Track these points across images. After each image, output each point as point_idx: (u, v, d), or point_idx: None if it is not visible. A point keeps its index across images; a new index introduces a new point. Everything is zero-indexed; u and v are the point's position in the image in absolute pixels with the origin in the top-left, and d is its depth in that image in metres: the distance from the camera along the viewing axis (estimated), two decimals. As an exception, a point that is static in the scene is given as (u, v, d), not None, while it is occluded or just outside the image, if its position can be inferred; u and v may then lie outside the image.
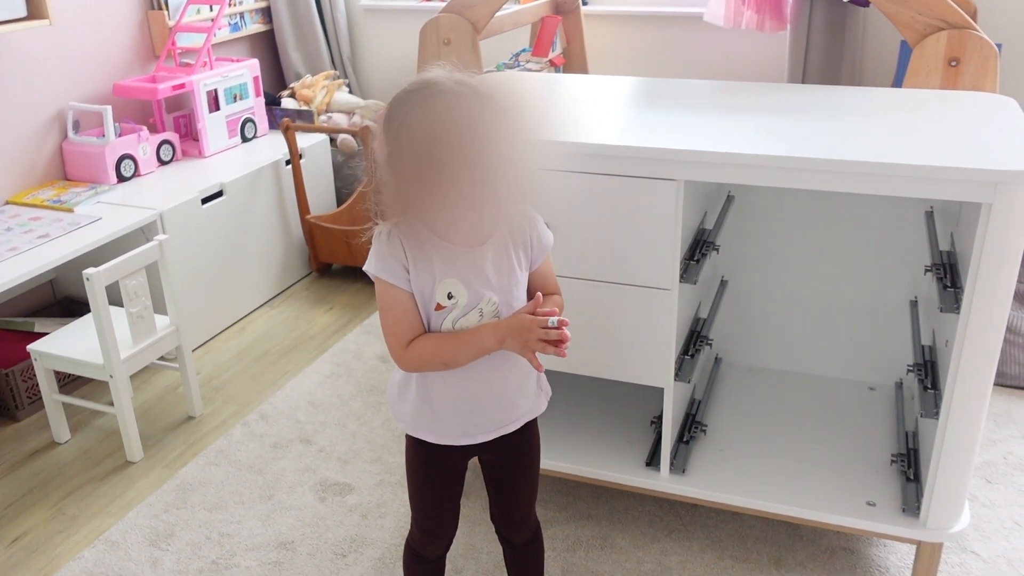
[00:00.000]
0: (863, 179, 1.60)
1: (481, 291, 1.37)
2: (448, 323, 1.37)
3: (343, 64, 4.12)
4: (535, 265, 1.45)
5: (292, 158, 3.39)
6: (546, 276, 1.47)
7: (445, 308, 1.36)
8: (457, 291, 1.36)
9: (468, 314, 1.37)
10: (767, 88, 2.15)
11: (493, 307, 1.38)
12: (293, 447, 2.48)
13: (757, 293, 2.37)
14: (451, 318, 1.37)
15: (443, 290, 1.35)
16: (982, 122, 1.81)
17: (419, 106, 1.24)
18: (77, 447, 2.53)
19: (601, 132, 1.83)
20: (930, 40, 2.23)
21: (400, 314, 1.37)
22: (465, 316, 1.37)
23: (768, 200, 2.26)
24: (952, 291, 1.73)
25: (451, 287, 1.35)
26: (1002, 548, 2.03)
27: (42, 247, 2.54)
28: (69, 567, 2.06)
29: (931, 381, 1.85)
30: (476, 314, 1.38)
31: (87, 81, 3.15)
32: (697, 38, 3.64)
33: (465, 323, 1.38)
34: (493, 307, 1.38)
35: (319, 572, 2.02)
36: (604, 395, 2.29)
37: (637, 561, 2.02)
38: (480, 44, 2.83)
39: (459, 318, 1.37)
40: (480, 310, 1.37)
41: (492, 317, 1.38)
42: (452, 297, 1.36)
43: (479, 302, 1.37)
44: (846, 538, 2.06)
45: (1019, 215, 1.54)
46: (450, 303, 1.36)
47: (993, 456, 2.34)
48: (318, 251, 3.52)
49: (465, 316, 1.37)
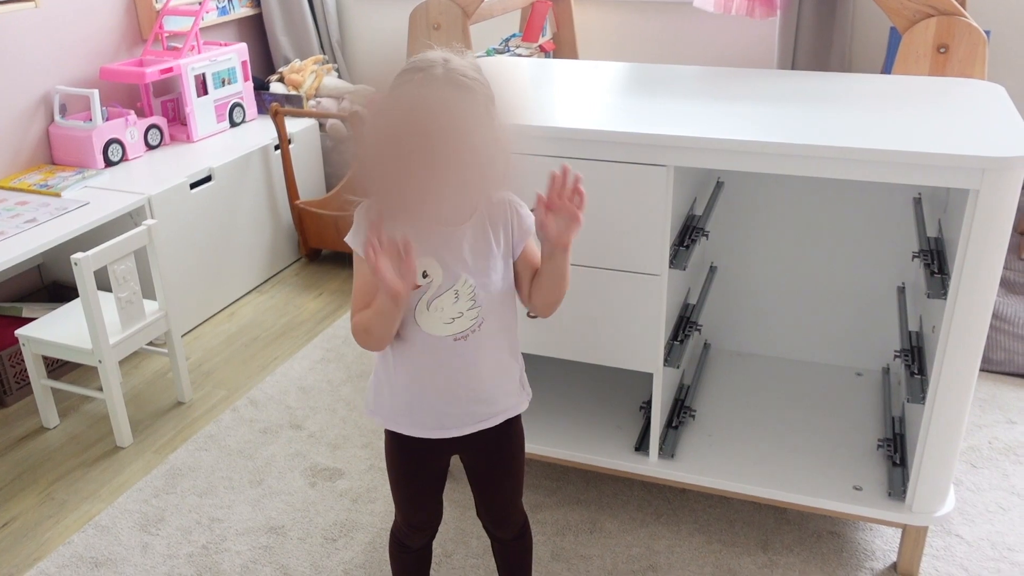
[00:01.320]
0: (852, 165, 1.61)
1: (457, 272, 1.37)
2: (423, 304, 1.37)
3: (332, 49, 4.09)
4: (518, 248, 1.43)
5: (281, 143, 3.37)
6: (533, 258, 1.46)
7: (420, 287, 1.36)
8: (433, 270, 1.36)
9: (443, 294, 1.37)
10: (757, 74, 2.15)
11: (469, 289, 1.37)
12: (283, 432, 2.48)
13: (746, 279, 2.38)
14: (426, 299, 1.37)
15: (418, 268, 1.35)
16: (970, 109, 1.82)
17: (399, 87, 1.25)
18: (66, 432, 2.52)
19: (591, 118, 1.83)
20: (919, 27, 2.23)
21: (361, 284, 1.38)
22: (440, 296, 1.37)
23: (757, 187, 2.27)
24: (939, 277, 1.74)
25: (427, 266, 1.36)
26: (986, 531, 2.06)
27: (29, 232, 2.52)
28: (59, 552, 2.06)
29: (918, 366, 1.87)
30: (452, 295, 1.37)
31: (74, 65, 3.12)
32: (687, 24, 3.64)
33: (440, 303, 1.37)
34: (469, 289, 1.37)
35: (309, 556, 2.03)
36: (593, 380, 2.30)
37: (626, 545, 2.03)
38: (470, 29, 2.82)
39: (433, 298, 1.37)
40: (456, 291, 1.37)
41: (468, 299, 1.38)
42: (427, 276, 1.36)
43: (455, 283, 1.37)
44: (833, 522, 2.08)
45: (1006, 201, 1.55)
46: (425, 282, 1.36)
47: (978, 441, 2.37)
48: (307, 236, 3.51)
49: (440, 296, 1.37)
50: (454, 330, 1.39)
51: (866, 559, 1.98)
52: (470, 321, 1.39)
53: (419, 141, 1.22)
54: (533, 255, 1.45)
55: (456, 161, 1.24)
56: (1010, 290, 2.87)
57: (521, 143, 1.33)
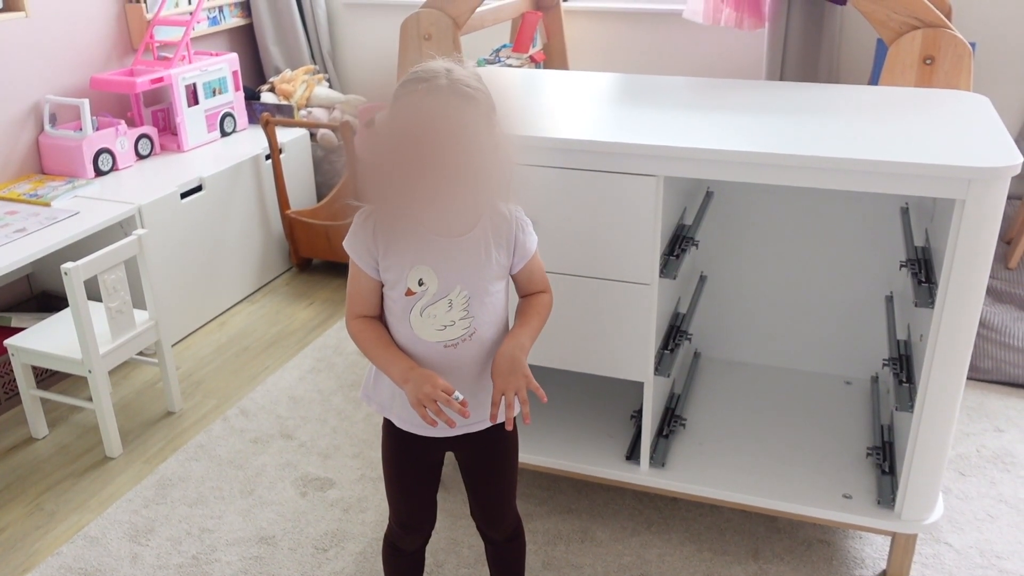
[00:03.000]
0: (840, 175, 1.63)
1: (452, 282, 1.38)
2: (417, 310, 1.38)
3: (323, 59, 4.10)
4: (516, 267, 1.45)
5: (272, 153, 3.38)
6: (530, 276, 1.48)
7: (416, 294, 1.38)
8: (428, 278, 1.37)
9: (437, 303, 1.38)
10: (746, 85, 2.17)
11: (463, 299, 1.39)
12: (274, 442, 2.48)
13: (736, 288, 2.40)
14: (420, 305, 1.38)
15: (414, 276, 1.37)
16: (956, 120, 1.84)
17: (403, 96, 1.27)
18: (55, 443, 2.51)
19: (581, 128, 1.84)
20: (905, 38, 2.25)
21: (356, 289, 1.43)
22: (434, 304, 1.38)
23: (747, 196, 2.29)
24: (927, 286, 1.75)
25: (422, 274, 1.37)
26: (975, 539, 2.07)
27: (19, 241, 2.51)
28: (48, 563, 2.05)
29: (906, 375, 1.88)
30: (445, 304, 1.38)
31: (64, 74, 3.12)
32: (676, 35, 3.66)
33: (434, 311, 1.38)
34: (463, 299, 1.39)
35: (300, 567, 2.02)
36: (584, 389, 2.31)
37: (617, 554, 2.04)
38: (461, 40, 2.83)
39: (427, 306, 1.38)
40: (450, 300, 1.38)
41: (462, 309, 1.39)
42: (423, 284, 1.38)
43: (449, 292, 1.38)
44: (823, 530, 2.09)
45: (992, 211, 1.57)
46: (420, 290, 1.38)
47: (966, 449, 2.38)
48: (298, 246, 3.51)
49: (434, 304, 1.38)
50: (445, 337, 1.40)
51: (856, 567, 1.99)
52: (462, 330, 1.40)
53: (424, 150, 1.24)
54: (529, 275, 1.47)
55: (461, 171, 1.25)
56: (997, 299, 2.89)
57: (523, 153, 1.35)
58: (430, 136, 1.23)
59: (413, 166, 1.25)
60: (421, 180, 1.26)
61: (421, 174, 1.25)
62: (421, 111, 1.25)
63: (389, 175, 1.27)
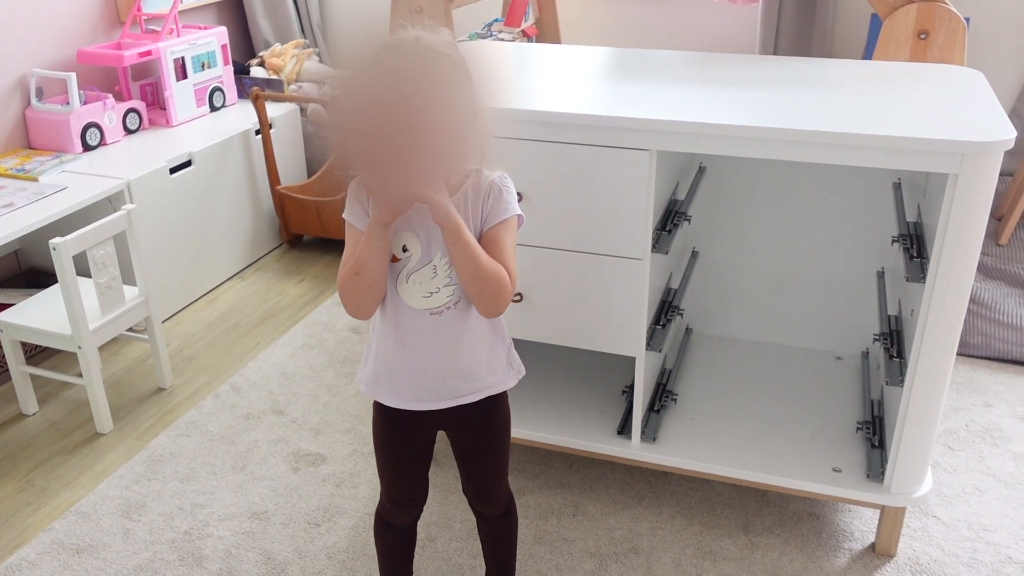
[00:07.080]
0: (832, 150, 1.62)
1: (433, 248, 1.38)
2: (403, 276, 1.39)
3: (313, 33, 4.06)
4: (486, 226, 1.39)
5: (262, 128, 3.35)
6: (494, 243, 1.38)
7: (400, 260, 1.38)
8: (412, 245, 1.38)
9: (422, 269, 1.39)
10: (739, 59, 2.15)
11: (447, 266, 1.39)
12: (265, 418, 2.48)
13: (727, 264, 2.40)
14: (406, 271, 1.39)
15: (398, 242, 1.38)
16: (949, 94, 1.83)
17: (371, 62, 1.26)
18: (45, 419, 2.50)
19: (574, 102, 1.83)
20: (900, 13, 2.24)
21: (351, 247, 1.39)
22: (419, 271, 1.39)
23: (739, 171, 2.28)
24: (918, 261, 1.76)
25: (406, 240, 1.38)
26: (962, 512, 2.09)
27: (6, 217, 2.49)
28: (40, 538, 2.05)
29: (897, 350, 1.88)
30: (430, 270, 1.39)
31: (50, 47, 3.08)
32: (670, 9, 3.64)
33: (419, 278, 1.39)
34: (447, 266, 1.39)
35: (292, 542, 2.03)
36: (576, 364, 2.31)
37: (608, 528, 2.05)
38: (453, 13, 2.80)
39: (413, 272, 1.39)
40: (434, 267, 1.39)
41: (446, 276, 1.39)
42: (407, 250, 1.38)
43: (431, 259, 1.38)
44: (812, 504, 2.11)
45: (984, 186, 1.57)
46: (405, 256, 1.38)
47: (955, 424, 2.40)
48: (289, 222, 3.49)
49: (419, 271, 1.39)
50: (430, 304, 1.40)
51: (845, 540, 2.00)
52: (446, 298, 1.40)
53: (390, 109, 1.22)
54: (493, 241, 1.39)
55: (427, 126, 1.23)
56: (987, 275, 2.90)
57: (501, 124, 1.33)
58: (393, 92, 1.22)
59: (381, 125, 1.23)
60: (389, 139, 1.23)
61: (389, 132, 1.23)
62: (385, 71, 1.24)
63: (362, 138, 1.26)
